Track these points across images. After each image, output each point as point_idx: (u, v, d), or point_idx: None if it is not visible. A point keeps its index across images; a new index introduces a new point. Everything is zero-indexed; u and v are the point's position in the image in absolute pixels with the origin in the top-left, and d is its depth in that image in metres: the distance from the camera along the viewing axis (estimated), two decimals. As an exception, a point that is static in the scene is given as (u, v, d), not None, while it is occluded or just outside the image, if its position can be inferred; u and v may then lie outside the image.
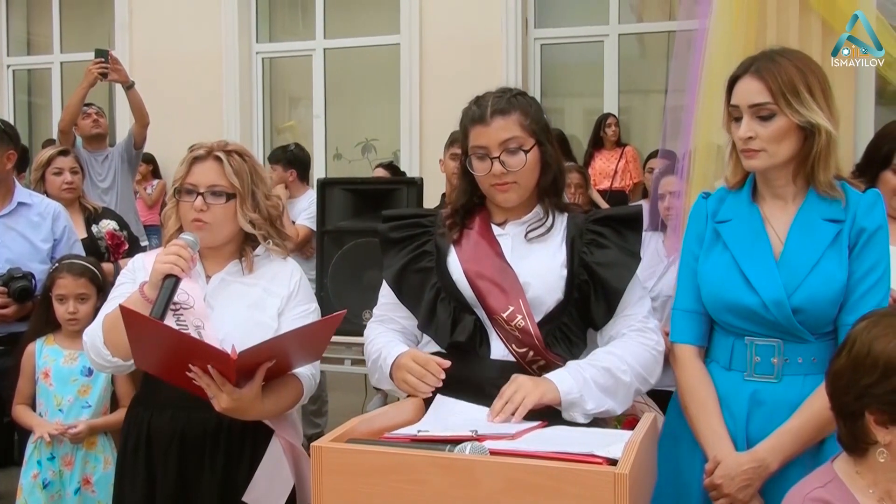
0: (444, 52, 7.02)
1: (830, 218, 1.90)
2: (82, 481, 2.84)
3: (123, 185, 5.12)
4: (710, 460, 1.90)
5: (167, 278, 2.00)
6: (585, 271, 2.00)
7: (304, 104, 8.27)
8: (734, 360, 1.96)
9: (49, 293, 2.95)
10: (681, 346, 2.04)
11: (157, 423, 2.16)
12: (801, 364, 1.90)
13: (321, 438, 1.55)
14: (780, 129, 1.87)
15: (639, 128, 7.47)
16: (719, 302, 1.96)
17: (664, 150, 3.60)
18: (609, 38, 7.15)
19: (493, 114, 2.01)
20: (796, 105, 1.85)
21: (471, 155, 2.05)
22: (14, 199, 3.29)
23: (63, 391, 2.87)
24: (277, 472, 2.16)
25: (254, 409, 1.99)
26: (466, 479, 1.41)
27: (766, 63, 1.89)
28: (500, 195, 2.04)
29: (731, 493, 1.84)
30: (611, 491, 1.35)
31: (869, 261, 1.88)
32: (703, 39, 3.19)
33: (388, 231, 2.15)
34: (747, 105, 1.89)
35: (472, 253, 2.05)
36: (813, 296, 1.86)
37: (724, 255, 1.97)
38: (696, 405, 1.97)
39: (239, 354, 1.84)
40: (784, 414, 1.88)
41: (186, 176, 2.16)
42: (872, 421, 1.49)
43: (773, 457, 1.85)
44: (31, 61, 8.99)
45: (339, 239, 3.60)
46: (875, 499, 1.54)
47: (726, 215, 2.01)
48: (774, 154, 1.89)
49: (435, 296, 2.05)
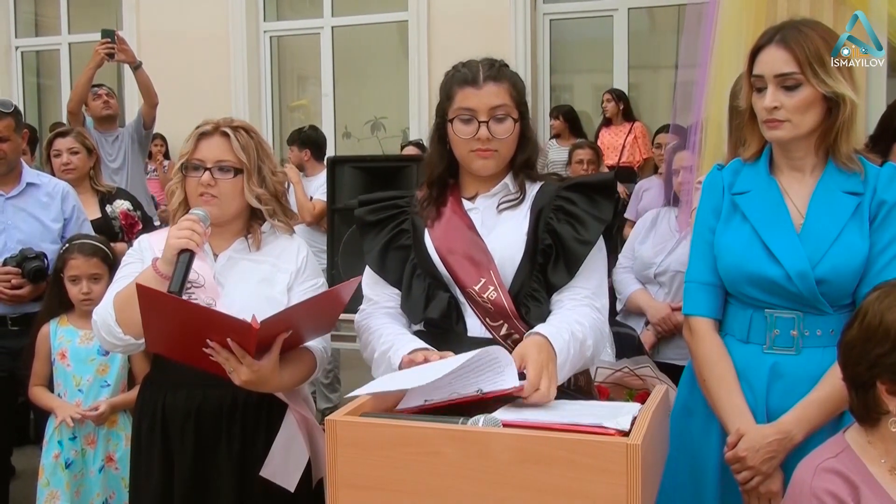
0: (453, 29, 6.99)
1: (850, 190, 1.90)
2: (105, 459, 2.86)
3: (134, 165, 5.13)
4: (732, 433, 1.89)
5: (182, 253, 2.00)
6: (550, 236, 1.96)
7: (312, 82, 8.26)
8: (752, 332, 1.95)
9: (60, 274, 2.96)
10: (697, 319, 2.02)
11: (171, 402, 2.18)
12: (820, 336, 1.89)
13: (335, 412, 1.56)
14: (805, 100, 1.86)
15: (649, 103, 7.43)
16: (740, 274, 1.94)
17: (675, 125, 3.59)
18: (619, 12, 7.10)
19: (485, 79, 1.98)
20: (823, 75, 1.83)
21: (455, 118, 1.99)
22: (22, 179, 3.30)
23: (81, 371, 2.89)
24: (293, 447, 2.18)
25: (272, 380, 2.00)
26: (480, 450, 1.42)
27: (792, 32, 1.87)
28: (478, 161, 1.98)
29: (755, 465, 1.85)
30: (623, 461, 1.36)
31: (889, 233, 1.87)
32: (714, 13, 3.17)
33: (365, 214, 2.13)
34: (773, 75, 1.87)
35: (444, 229, 2.02)
36: (837, 267, 1.86)
37: (744, 226, 1.95)
38: (714, 379, 1.95)
39: (261, 323, 1.85)
40: (804, 386, 1.87)
41: (193, 151, 2.16)
42: (884, 390, 1.50)
43: (798, 428, 1.85)
44: (39, 42, 9.00)
45: (349, 217, 3.59)
46: (886, 468, 1.55)
47: (743, 187, 1.99)
48: (799, 125, 1.88)
49: (411, 272, 2.04)
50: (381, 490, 1.48)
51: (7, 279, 3.12)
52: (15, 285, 3.13)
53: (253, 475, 2.14)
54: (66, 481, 2.81)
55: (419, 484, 1.46)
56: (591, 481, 1.37)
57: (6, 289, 3.11)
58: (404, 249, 2.06)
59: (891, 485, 1.54)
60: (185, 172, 2.18)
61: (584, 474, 1.38)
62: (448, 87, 2.03)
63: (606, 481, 1.37)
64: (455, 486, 1.43)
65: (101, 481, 2.84)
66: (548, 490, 1.39)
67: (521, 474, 1.41)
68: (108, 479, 2.85)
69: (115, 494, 2.85)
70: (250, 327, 1.84)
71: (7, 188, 3.26)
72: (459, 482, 1.43)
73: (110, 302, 2.11)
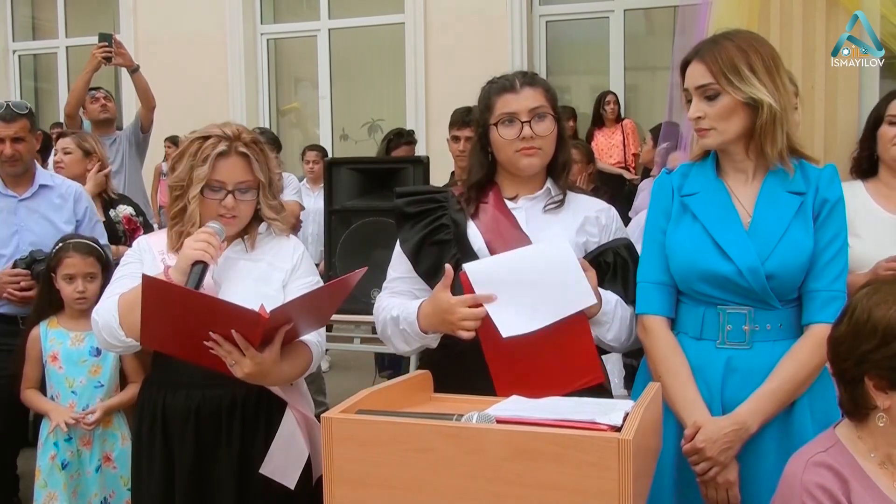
0: (449, 31, 7.01)
1: (793, 190, 1.99)
2: (103, 458, 2.88)
3: (131, 169, 5.15)
4: (689, 426, 1.95)
5: (196, 265, 2.02)
6: (613, 255, 2.14)
7: (309, 85, 8.28)
8: (705, 329, 2.01)
9: (52, 273, 2.95)
10: (650, 317, 2.07)
11: (171, 402, 2.19)
12: (770, 331, 1.97)
13: (331, 409, 1.57)
14: (725, 108, 1.95)
15: (646, 104, 7.46)
16: (692, 271, 2.00)
17: (667, 125, 3.61)
18: (615, 13, 7.13)
19: (522, 84, 2.12)
20: (737, 83, 1.93)
21: (496, 124, 2.10)
22: (35, 181, 3.32)
23: (74, 373, 2.89)
24: (292, 444, 2.20)
25: (273, 373, 2.02)
26: (473, 446, 1.44)
27: (708, 46, 1.99)
28: (524, 159, 2.10)
29: (713, 455, 1.90)
30: (615, 457, 1.38)
31: (832, 231, 1.97)
32: (707, 14, 3.20)
33: (405, 206, 2.19)
34: (694, 87, 1.99)
35: (492, 224, 2.12)
36: (784, 263, 1.93)
37: (695, 226, 2.02)
38: (669, 374, 2.00)
39: (270, 312, 1.87)
40: (757, 379, 1.94)
41: (212, 173, 2.14)
42: (872, 386, 1.52)
43: (752, 419, 1.91)
44: (36, 46, 9.02)
45: (346, 218, 3.63)
46: (876, 463, 1.57)
47: (692, 188, 2.07)
48: (724, 131, 1.98)
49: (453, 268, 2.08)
50: (377, 486, 1.49)
51: (16, 281, 3.13)
52: (24, 287, 3.14)
53: (253, 473, 2.16)
54: (63, 482, 2.82)
55: (414, 480, 1.47)
56: (583, 476, 1.39)
57: (15, 290, 3.13)
58: (442, 244, 2.13)
59: (880, 479, 1.55)
60: (203, 194, 2.16)
61: (577, 469, 1.39)
62: (486, 98, 2.15)
63: (599, 476, 1.38)
64: (449, 481, 1.45)
65: (98, 481, 2.85)
66: (540, 485, 1.41)
67: (515, 470, 1.42)
68: (106, 479, 2.87)
69: (115, 494, 2.86)
70: (259, 316, 1.85)
71: (20, 190, 3.28)
72: (454, 478, 1.45)
73: (113, 304, 2.11)
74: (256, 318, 1.86)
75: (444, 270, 2.00)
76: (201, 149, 2.15)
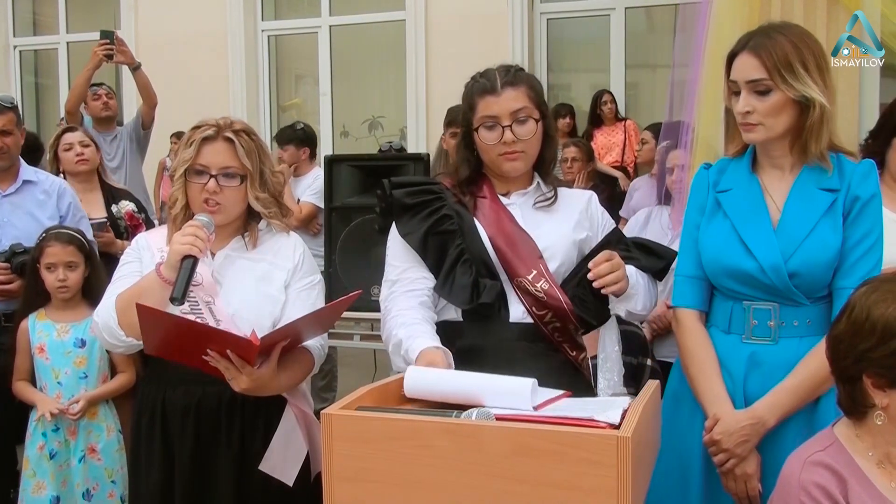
0: (450, 28, 7.01)
1: (826, 187, 1.97)
2: (87, 450, 2.89)
3: (132, 165, 5.15)
4: (709, 418, 1.98)
5: (185, 259, 2.02)
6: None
7: (310, 82, 8.27)
8: (733, 323, 2.03)
9: (37, 264, 2.96)
10: (683, 311, 2.10)
11: (171, 398, 2.19)
12: (797, 327, 1.97)
13: (331, 406, 1.58)
14: (776, 104, 1.93)
15: (646, 103, 7.45)
16: (719, 267, 2.03)
17: (667, 123, 3.61)
18: (615, 11, 7.12)
19: (503, 85, 2.07)
20: (791, 80, 1.90)
21: (479, 126, 2.09)
22: (19, 177, 3.31)
23: (60, 364, 2.91)
24: (291, 441, 2.21)
25: (271, 385, 2.04)
26: (473, 443, 1.45)
27: (761, 39, 1.95)
28: (507, 164, 2.09)
29: (729, 448, 1.92)
30: (613, 454, 1.38)
31: (863, 228, 1.95)
32: (707, 12, 3.20)
33: (403, 196, 2.16)
34: (745, 81, 1.95)
35: (493, 219, 2.12)
36: (808, 261, 1.93)
37: (725, 223, 2.04)
38: (696, 367, 2.04)
39: (261, 339, 1.88)
40: (781, 374, 1.95)
41: (196, 157, 2.15)
42: (870, 384, 1.52)
43: (770, 413, 1.92)
44: (37, 41, 9.01)
45: (346, 215, 3.63)
46: (874, 461, 1.57)
47: (727, 185, 2.07)
48: (772, 127, 1.96)
49: (456, 258, 2.08)
50: (376, 483, 1.50)
51: None
52: (3, 281, 3.13)
53: (252, 469, 2.17)
54: (51, 472, 2.84)
55: (413, 476, 1.48)
56: (581, 474, 1.39)
57: None
58: (447, 235, 2.11)
59: (878, 478, 1.56)
60: (187, 177, 2.17)
61: (575, 467, 1.40)
62: (469, 98, 2.13)
63: (597, 474, 1.39)
64: (448, 478, 1.45)
65: (81, 471, 2.86)
66: (539, 482, 1.41)
67: (513, 467, 1.43)
68: (89, 470, 2.88)
69: (99, 486, 2.87)
70: (251, 343, 1.87)
71: (4, 185, 3.27)
72: (453, 475, 1.45)
73: (112, 304, 2.12)
74: (248, 344, 1.88)
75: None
76: (191, 136, 2.17)
